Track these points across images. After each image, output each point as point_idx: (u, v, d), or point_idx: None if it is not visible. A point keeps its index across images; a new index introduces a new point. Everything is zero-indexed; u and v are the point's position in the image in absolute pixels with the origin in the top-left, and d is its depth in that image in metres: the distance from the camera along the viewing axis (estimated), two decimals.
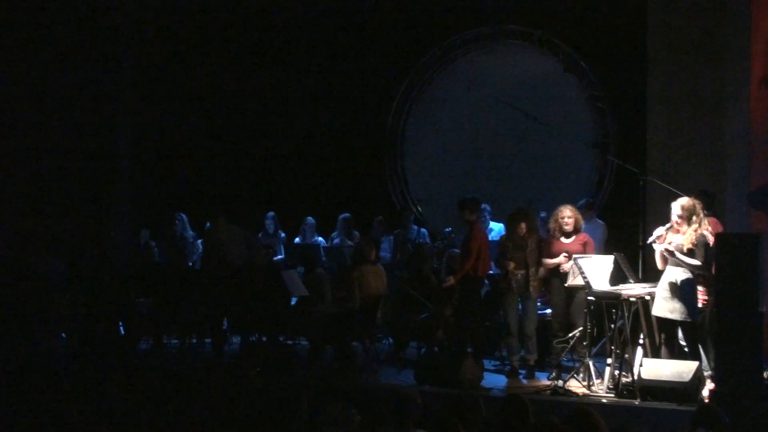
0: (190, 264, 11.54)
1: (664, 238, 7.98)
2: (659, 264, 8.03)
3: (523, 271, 9.01)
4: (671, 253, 7.83)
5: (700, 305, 8.01)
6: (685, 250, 7.83)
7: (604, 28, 11.95)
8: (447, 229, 11.58)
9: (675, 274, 7.88)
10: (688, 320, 7.85)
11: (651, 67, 10.39)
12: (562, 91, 12.65)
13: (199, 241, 11.81)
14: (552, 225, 9.02)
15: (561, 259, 8.87)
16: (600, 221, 10.49)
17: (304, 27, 13.63)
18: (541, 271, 9.00)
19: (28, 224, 12.56)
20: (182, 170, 13.78)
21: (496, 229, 10.92)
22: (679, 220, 7.90)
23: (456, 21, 13.11)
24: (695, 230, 7.87)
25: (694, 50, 10.10)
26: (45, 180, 12.94)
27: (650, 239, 8.04)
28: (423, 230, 12.05)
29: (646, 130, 10.41)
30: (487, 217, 11.08)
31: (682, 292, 7.82)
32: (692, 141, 10.07)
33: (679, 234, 7.92)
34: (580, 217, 9.06)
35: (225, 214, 10.63)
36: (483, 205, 11.13)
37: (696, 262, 7.81)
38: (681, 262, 7.81)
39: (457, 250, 10.14)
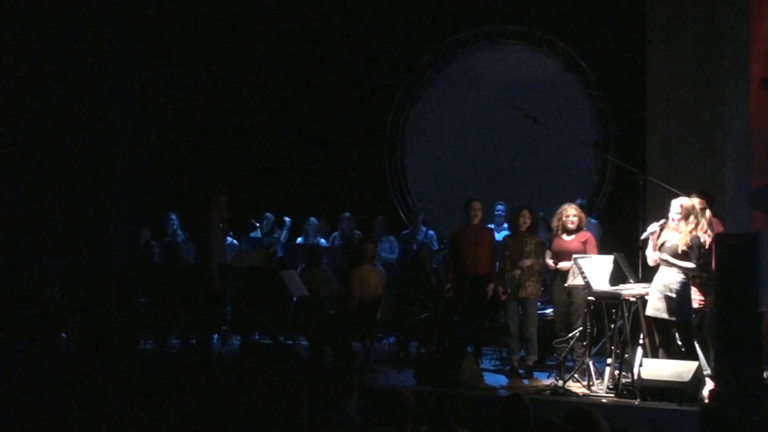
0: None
1: (658, 235, 7.98)
2: (650, 260, 8.04)
3: (518, 271, 9.01)
4: (665, 261, 7.84)
5: (696, 306, 8.03)
6: (679, 251, 7.84)
7: (604, 28, 11.97)
8: None
9: (669, 274, 7.88)
10: (683, 320, 7.86)
11: (651, 66, 10.40)
12: (562, 91, 12.66)
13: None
14: (555, 223, 9.01)
15: (549, 262, 8.92)
16: (593, 221, 10.48)
17: (305, 27, 13.63)
18: (548, 262, 8.98)
19: (28, 224, 12.55)
20: (182, 170, 13.78)
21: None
22: (677, 218, 7.91)
23: (456, 21, 13.13)
24: (690, 231, 7.88)
25: (693, 50, 10.11)
26: (45, 179, 12.93)
27: (644, 235, 8.05)
28: (431, 232, 12.06)
29: (646, 130, 10.42)
30: (498, 216, 11.15)
31: (676, 292, 7.84)
32: (692, 141, 10.07)
33: (674, 232, 7.92)
34: (584, 216, 9.07)
35: (227, 193, 10.39)
36: (498, 206, 11.19)
37: (690, 264, 7.81)
38: (676, 266, 7.82)
39: None
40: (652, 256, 8.03)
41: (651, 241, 7.99)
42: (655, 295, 7.93)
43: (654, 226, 7.99)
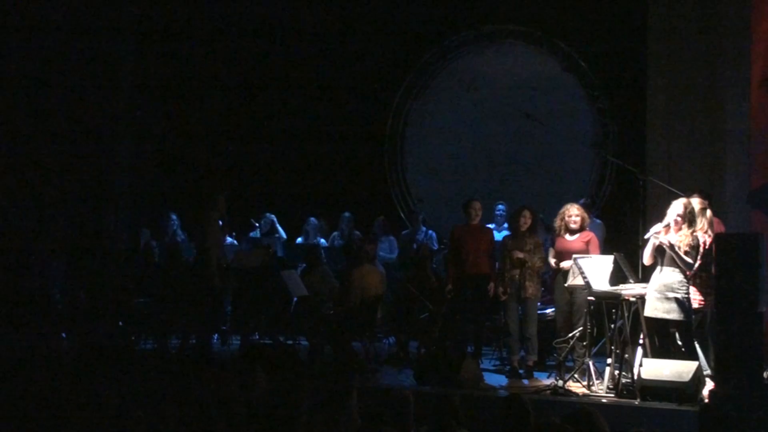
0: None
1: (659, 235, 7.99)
2: (647, 259, 8.03)
3: (518, 271, 9.01)
4: (671, 247, 7.81)
5: (696, 306, 8.03)
6: (681, 252, 7.84)
7: (604, 28, 11.97)
8: None
9: (669, 275, 7.88)
10: (684, 320, 7.86)
11: (651, 66, 10.40)
12: (562, 91, 12.66)
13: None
14: (558, 223, 9.01)
15: (551, 261, 8.96)
16: (598, 221, 10.48)
17: (305, 27, 13.63)
18: (550, 261, 9.00)
19: (28, 224, 12.55)
20: (182, 170, 13.78)
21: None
22: (679, 220, 7.91)
23: (456, 21, 13.12)
24: (692, 233, 7.88)
25: (694, 50, 10.11)
26: (45, 180, 12.93)
27: (648, 235, 8.04)
28: (431, 232, 12.06)
29: (646, 130, 10.41)
30: (499, 216, 11.13)
31: (676, 292, 7.83)
32: (692, 141, 10.08)
33: (673, 234, 7.92)
34: (586, 216, 9.07)
35: (224, 194, 10.42)
36: (498, 205, 11.18)
37: (690, 260, 7.81)
38: (677, 259, 7.81)
39: None
40: (648, 255, 8.02)
41: (652, 240, 7.98)
42: (654, 296, 7.93)
43: (658, 227, 7.99)
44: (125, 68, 13.62)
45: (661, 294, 7.88)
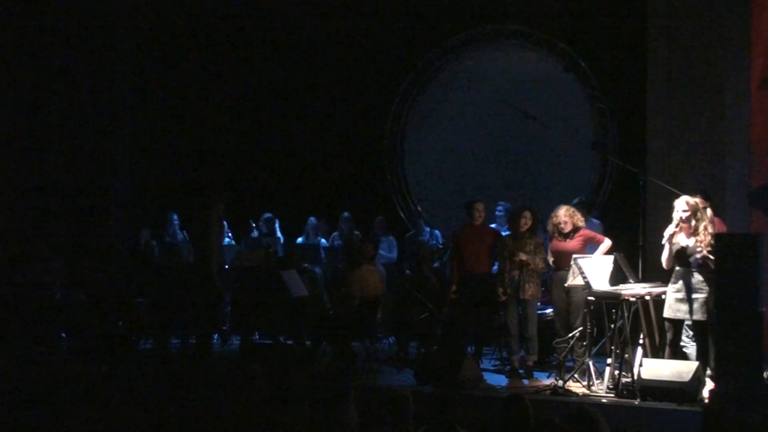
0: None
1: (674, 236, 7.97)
2: (666, 263, 8.02)
3: (518, 272, 9.01)
4: (706, 267, 7.80)
5: None
6: (705, 253, 7.83)
7: (604, 28, 11.97)
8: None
9: (691, 275, 7.88)
10: (707, 320, 7.85)
11: (651, 66, 10.39)
12: (562, 91, 12.65)
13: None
14: (550, 227, 9.03)
15: (550, 261, 8.98)
16: (596, 221, 10.47)
17: (305, 27, 13.64)
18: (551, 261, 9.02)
19: (28, 224, 12.56)
20: (182, 170, 13.78)
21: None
22: (686, 216, 7.90)
23: (456, 21, 13.12)
24: (705, 228, 7.86)
25: (694, 50, 10.10)
26: (45, 180, 12.94)
27: (664, 240, 8.02)
28: (436, 232, 12.05)
29: (646, 130, 10.41)
30: (500, 216, 11.10)
31: (699, 293, 7.84)
32: (692, 141, 10.06)
33: (685, 233, 7.90)
34: (578, 215, 9.04)
35: (224, 200, 10.45)
36: (500, 205, 11.15)
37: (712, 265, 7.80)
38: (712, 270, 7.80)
39: None
40: (666, 258, 8.00)
41: (668, 245, 7.97)
42: (674, 297, 7.92)
43: (671, 230, 7.98)
44: (125, 67, 13.63)
45: (683, 295, 7.87)
